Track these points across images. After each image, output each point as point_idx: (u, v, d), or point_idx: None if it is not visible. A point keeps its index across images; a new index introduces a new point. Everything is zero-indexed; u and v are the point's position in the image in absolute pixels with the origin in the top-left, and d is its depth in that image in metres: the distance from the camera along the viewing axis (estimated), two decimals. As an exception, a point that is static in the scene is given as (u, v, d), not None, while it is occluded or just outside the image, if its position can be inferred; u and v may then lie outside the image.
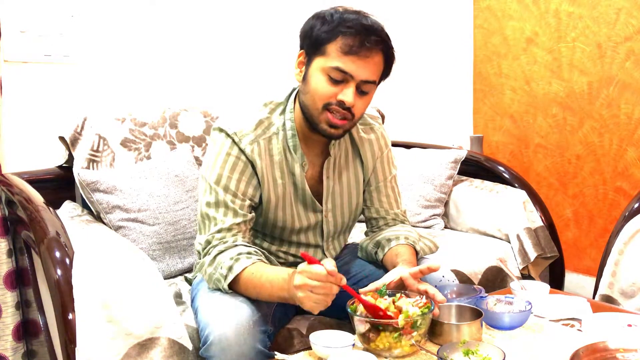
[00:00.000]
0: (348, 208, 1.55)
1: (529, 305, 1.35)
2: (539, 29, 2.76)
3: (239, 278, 1.30)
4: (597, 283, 1.86)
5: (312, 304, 1.17)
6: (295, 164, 1.44)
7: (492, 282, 2.04)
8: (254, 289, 1.29)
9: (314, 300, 1.16)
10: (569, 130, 2.71)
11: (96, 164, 1.87)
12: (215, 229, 1.36)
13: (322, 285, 1.15)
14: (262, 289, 1.28)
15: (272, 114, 1.45)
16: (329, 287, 1.15)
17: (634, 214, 1.86)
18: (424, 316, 1.19)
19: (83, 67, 2.16)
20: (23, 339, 1.73)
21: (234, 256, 1.31)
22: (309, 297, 1.16)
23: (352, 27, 1.30)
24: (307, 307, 1.18)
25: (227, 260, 1.31)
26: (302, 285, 1.16)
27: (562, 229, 2.72)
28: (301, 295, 1.17)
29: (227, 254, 1.32)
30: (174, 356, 1.35)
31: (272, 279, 1.26)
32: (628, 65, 2.48)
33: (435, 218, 2.38)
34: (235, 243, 1.34)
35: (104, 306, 1.31)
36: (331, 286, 1.16)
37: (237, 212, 1.37)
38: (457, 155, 2.42)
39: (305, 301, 1.17)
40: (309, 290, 1.16)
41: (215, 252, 1.33)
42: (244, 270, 1.29)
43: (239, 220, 1.37)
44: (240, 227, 1.37)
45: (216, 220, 1.36)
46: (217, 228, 1.36)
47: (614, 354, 1.17)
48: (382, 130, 1.59)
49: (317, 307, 1.17)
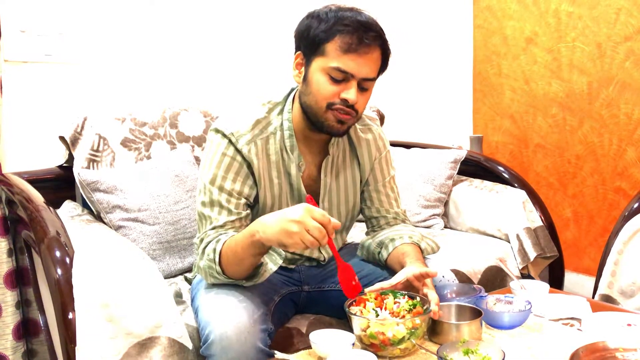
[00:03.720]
0: (345, 207, 1.55)
1: (528, 304, 1.35)
2: (539, 29, 2.77)
3: (222, 256, 1.30)
4: (597, 283, 1.86)
5: (298, 240, 1.16)
6: (292, 164, 1.44)
7: (492, 281, 2.04)
8: (234, 258, 1.28)
9: (303, 239, 1.16)
10: (569, 130, 2.72)
11: (96, 163, 1.87)
12: (210, 227, 1.37)
13: (320, 229, 1.15)
14: (236, 252, 1.27)
15: (270, 113, 1.45)
16: (323, 235, 1.16)
17: (633, 213, 1.86)
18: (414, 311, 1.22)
19: (83, 67, 2.16)
20: (23, 338, 1.73)
21: (215, 241, 1.32)
22: (302, 234, 1.15)
23: (349, 24, 1.30)
24: (291, 241, 1.16)
25: (212, 245, 1.32)
26: (301, 221, 1.15)
27: (561, 228, 2.73)
28: (294, 230, 1.15)
29: (211, 243, 1.33)
30: (174, 355, 1.36)
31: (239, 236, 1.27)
32: (628, 65, 2.48)
33: (435, 218, 2.38)
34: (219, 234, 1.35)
35: (104, 305, 1.31)
36: (325, 235, 1.16)
37: (232, 210, 1.38)
38: (457, 155, 2.42)
39: (295, 236, 1.16)
40: (305, 229, 1.15)
41: (203, 246, 1.35)
42: (223, 246, 1.29)
43: (233, 217, 1.38)
44: (234, 224, 1.38)
45: (211, 219, 1.38)
46: (211, 226, 1.37)
47: (614, 353, 1.17)
48: (379, 131, 1.59)
49: (299, 245, 1.16)
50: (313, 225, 1.16)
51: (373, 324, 1.18)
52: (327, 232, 1.17)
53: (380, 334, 1.18)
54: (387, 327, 1.18)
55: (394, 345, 1.18)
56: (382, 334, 1.17)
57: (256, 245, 1.23)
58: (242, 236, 1.26)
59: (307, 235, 1.16)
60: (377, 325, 1.18)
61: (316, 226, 1.16)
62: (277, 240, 1.19)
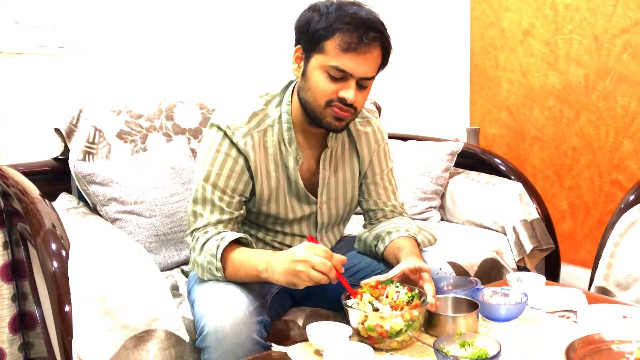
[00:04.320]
0: (343, 200, 1.55)
1: (524, 297, 1.35)
2: (536, 21, 2.76)
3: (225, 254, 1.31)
4: (593, 275, 1.87)
5: (306, 279, 1.19)
6: (290, 157, 1.44)
7: (488, 274, 2.05)
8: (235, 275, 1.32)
9: (310, 276, 1.18)
10: (565, 122, 2.72)
11: (92, 156, 1.86)
12: (202, 224, 1.37)
13: (324, 263, 1.17)
14: (238, 272, 1.31)
15: (268, 105, 1.45)
16: (330, 268, 1.18)
17: (629, 206, 1.86)
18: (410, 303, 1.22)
19: (78, 59, 2.15)
20: (19, 331, 1.73)
21: (219, 238, 1.33)
22: (308, 272, 1.18)
23: (350, 22, 1.28)
24: (298, 280, 1.20)
25: (214, 242, 1.33)
26: (304, 260, 1.19)
27: (558, 221, 2.73)
28: (300, 269, 1.18)
29: (213, 240, 1.34)
30: (171, 348, 1.36)
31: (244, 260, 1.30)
32: (625, 57, 2.48)
33: (432, 210, 2.38)
34: (219, 231, 1.36)
35: (100, 298, 1.31)
36: (331, 268, 1.18)
37: (224, 209, 1.38)
38: (454, 148, 2.42)
39: (301, 275, 1.19)
40: (311, 266, 1.18)
41: (202, 241, 1.35)
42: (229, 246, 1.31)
43: (226, 217, 1.38)
44: (225, 224, 1.38)
45: (203, 217, 1.38)
46: (203, 223, 1.37)
47: (609, 345, 1.18)
48: (378, 123, 1.58)
49: (308, 282, 1.20)
50: (317, 261, 1.18)
51: (371, 316, 1.19)
52: (334, 265, 1.19)
53: (378, 326, 1.18)
54: (385, 319, 1.18)
55: (392, 337, 1.18)
56: (380, 326, 1.18)
57: (260, 280, 1.29)
58: (247, 266, 1.29)
59: (313, 271, 1.18)
60: (375, 318, 1.18)
61: (320, 261, 1.18)
62: (285, 281, 1.23)
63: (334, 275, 1.19)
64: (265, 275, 1.26)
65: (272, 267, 1.24)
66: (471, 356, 1.09)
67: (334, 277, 1.19)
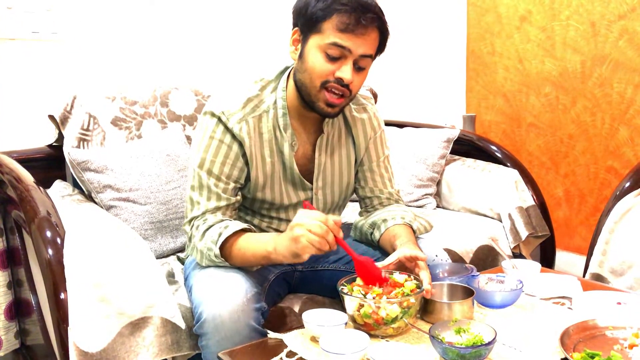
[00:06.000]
0: (339, 186, 1.55)
1: (520, 283, 1.36)
2: (533, 7, 2.74)
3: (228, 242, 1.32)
4: (588, 262, 1.87)
5: (306, 243, 1.19)
6: (285, 143, 1.43)
7: (484, 260, 2.06)
8: (241, 260, 1.33)
9: (309, 239, 1.18)
10: (562, 109, 2.71)
11: (87, 142, 1.85)
12: (200, 211, 1.37)
13: (320, 226, 1.18)
14: (244, 256, 1.32)
15: (263, 91, 1.44)
16: (326, 230, 1.18)
17: (624, 193, 1.87)
18: (414, 294, 1.21)
19: (72, 45, 2.13)
20: (15, 319, 1.73)
21: (222, 226, 1.34)
22: (306, 235, 1.18)
23: (347, 4, 1.28)
24: (299, 246, 1.20)
25: (216, 229, 1.33)
26: (300, 224, 1.20)
27: (553, 208, 2.74)
28: (298, 233, 1.19)
29: (216, 227, 1.34)
30: (167, 335, 1.36)
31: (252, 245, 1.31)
32: (621, 44, 2.47)
33: (428, 197, 2.38)
34: (221, 219, 1.37)
35: (96, 286, 1.30)
36: (328, 231, 1.19)
37: (221, 195, 1.38)
38: (450, 135, 2.42)
39: (301, 239, 1.19)
40: (307, 230, 1.18)
41: (204, 228, 1.35)
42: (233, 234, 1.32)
43: (223, 203, 1.38)
44: (223, 210, 1.38)
45: (200, 204, 1.38)
46: (201, 211, 1.37)
47: (603, 331, 1.19)
48: (374, 110, 1.58)
49: (309, 248, 1.19)
50: (312, 223, 1.19)
51: (367, 303, 1.19)
52: (330, 229, 1.19)
53: (374, 313, 1.18)
54: (381, 306, 1.18)
55: (387, 324, 1.19)
56: (376, 313, 1.18)
57: (269, 260, 1.29)
58: (256, 248, 1.30)
59: (310, 234, 1.18)
60: (371, 305, 1.18)
61: (315, 223, 1.18)
62: (289, 252, 1.23)
63: (332, 238, 1.20)
64: (274, 255, 1.27)
65: (277, 245, 1.25)
66: (466, 342, 1.10)
67: (332, 242, 1.20)
